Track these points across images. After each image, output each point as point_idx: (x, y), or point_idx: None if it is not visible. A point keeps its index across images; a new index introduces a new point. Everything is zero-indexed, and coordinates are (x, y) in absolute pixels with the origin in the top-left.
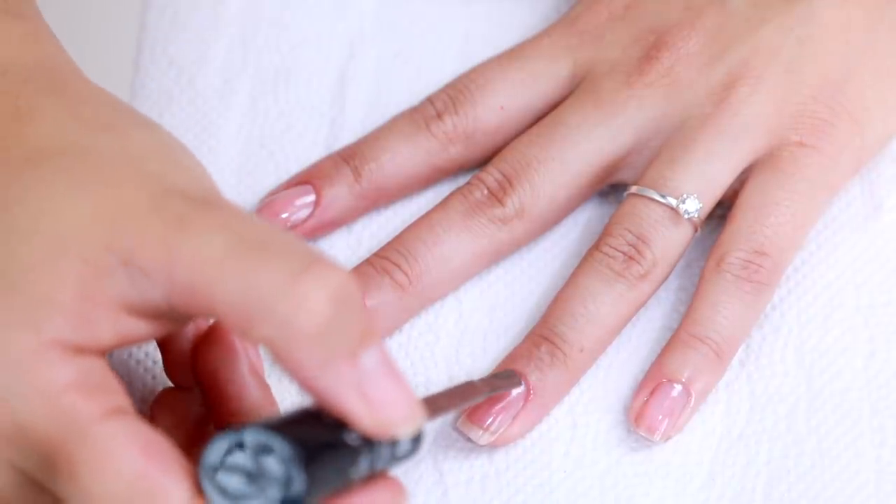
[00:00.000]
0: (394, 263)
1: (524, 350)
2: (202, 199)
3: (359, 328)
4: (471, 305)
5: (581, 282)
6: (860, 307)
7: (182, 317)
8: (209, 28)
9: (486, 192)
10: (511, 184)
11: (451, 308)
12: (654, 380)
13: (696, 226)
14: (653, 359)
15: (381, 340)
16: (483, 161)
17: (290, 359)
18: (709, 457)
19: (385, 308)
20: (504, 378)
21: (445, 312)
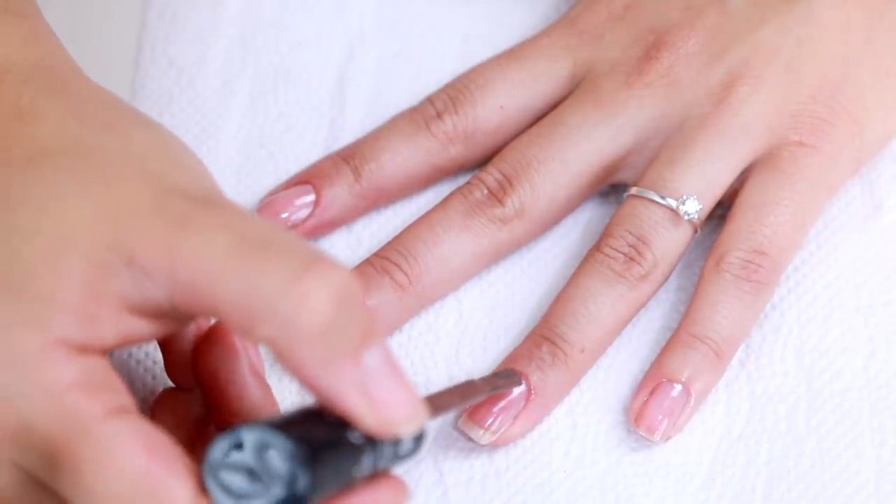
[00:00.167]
0: (394, 263)
1: (525, 350)
2: (204, 199)
3: (361, 327)
4: (471, 305)
5: (582, 282)
6: (860, 307)
7: (184, 316)
8: (209, 28)
9: (486, 192)
10: (511, 184)
11: (451, 308)
12: (654, 380)
13: (696, 226)
14: (653, 359)
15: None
16: (483, 161)
17: (293, 358)
18: (709, 457)
19: (385, 308)
20: (505, 377)
21: (445, 312)
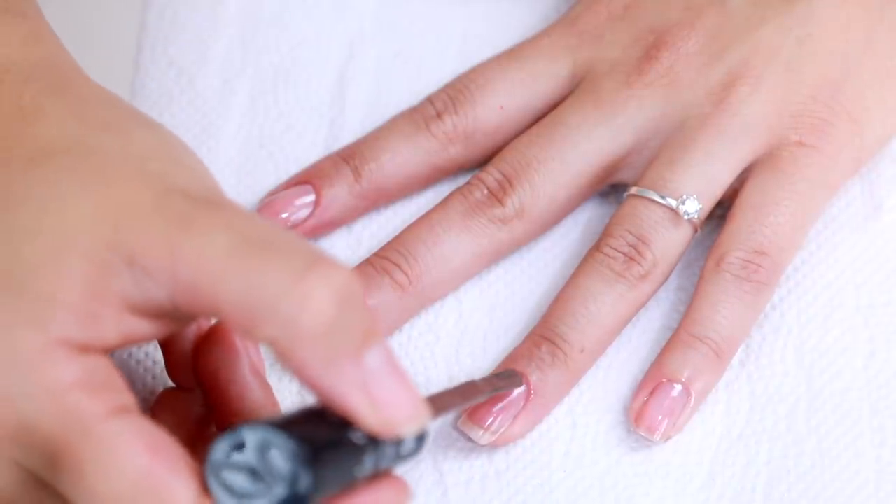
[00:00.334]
0: (394, 263)
1: (525, 350)
2: (205, 199)
3: (363, 327)
4: (471, 305)
5: (582, 282)
6: (860, 307)
7: (185, 316)
8: (209, 28)
9: (486, 192)
10: (511, 184)
11: (451, 308)
12: (654, 380)
13: (696, 226)
14: (653, 359)
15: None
16: (483, 161)
17: (294, 358)
18: (709, 457)
19: (385, 308)
20: (505, 378)
21: (445, 312)
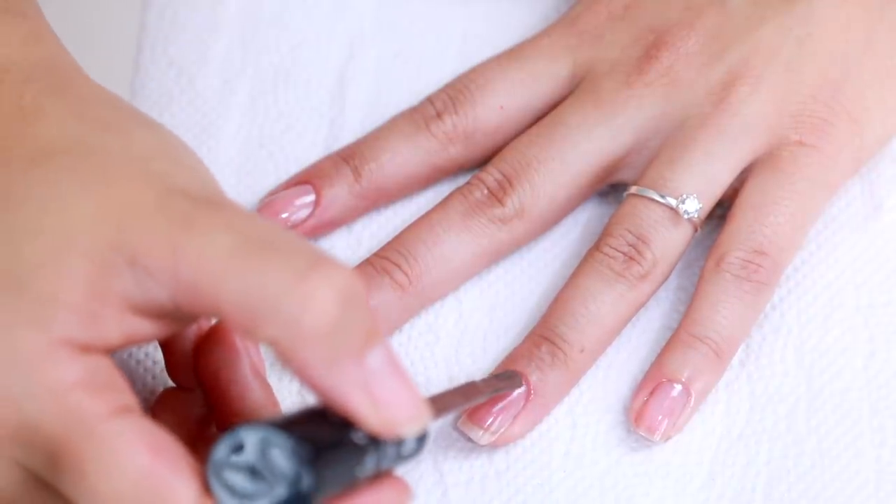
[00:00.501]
0: (394, 263)
1: (525, 350)
2: (206, 199)
3: (365, 327)
4: (471, 305)
5: (581, 282)
6: (860, 307)
7: (187, 317)
8: (209, 28)
9: (486, 192)
10: (511, 184)
11: (451, 308)
12: (654, 380)
13: (696, 226)
14: (653, 359)
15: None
16: (483, 161)
17: (296, 358)
18: (709, 457)
19: (385, 308)
20: (505, 379)
21: (445, 312)
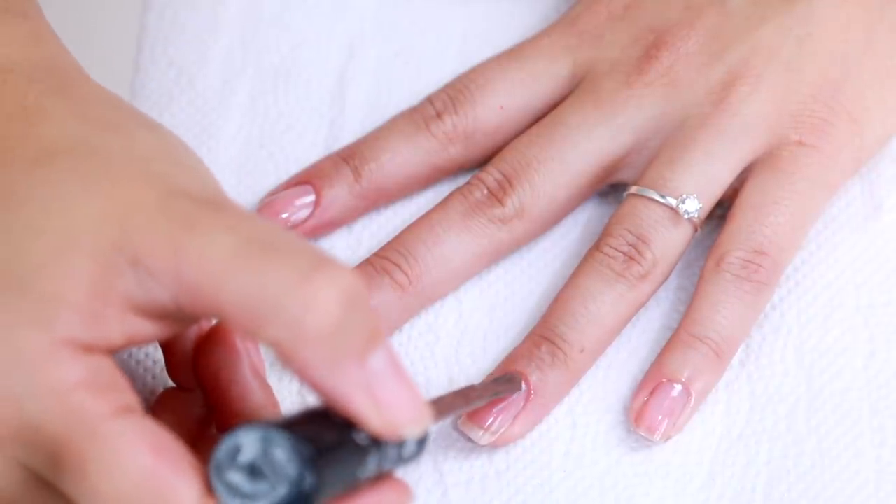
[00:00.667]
0: (394, 263)
1: (525, 350)
2: (208, 200)
3: (367, 329)
4: (471, 305)
5: (581, 282)
6: (860, 307)
7: (189, 317)
8: (209, 29)
9: (486, 192)
10: (511, 184)
11: (451, 308)
12: (654, 380)
13: (696, 226)
14: (653, 359)
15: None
16: (483, 161)
17: (298, 359)
18: (709, 457)
19: (385, 308)
20: (505, 382)
21: (445, 312)
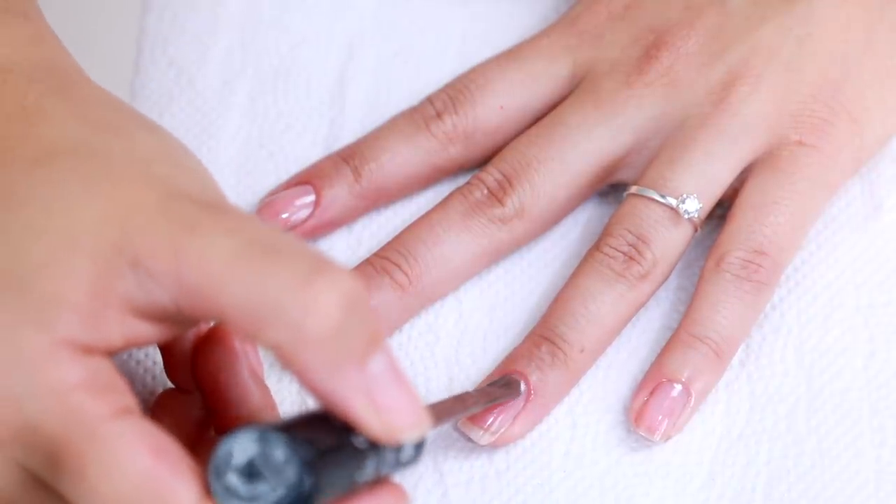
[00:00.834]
0: (394, 263)
1: (525, 350)
2: (209, 202)
3: (367, 333)
4: (471, 305)
5: (581, 282)
6: (860, 307)
7: (189, 320)
8: (208, 29)
9: (486, 192)
10: (511, 184)
11: (451, 308)
12: (654, 380)
13: (696, 225)
14: (653, 359)
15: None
16: (483, 161)
17: (298, 362)
18: (709, 457)
19: (385, 308)
20: (503, 386)
21: (445, 312)
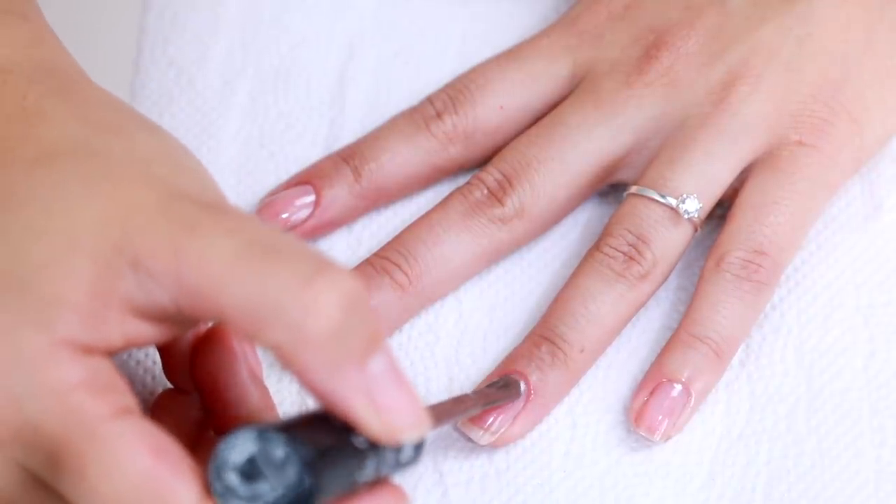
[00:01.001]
0: (394, 263)
1: (525, 350)
2: (209, 203)
3: (368, 333)
4: (471, 305)
5: (581, 282)
6: (860, 307)
7: (189, 320)
8: (209, 29)
9: (486, 192)
10: (511, 184)
11: (451, 308)
12: (654, 380)
13: (696, 225)
14: (653, 359)
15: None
16: (483, 161)
17: (299, 362)
18: (709, 457)
19: (385, 308)
20: (502, 388)
21: (445, 312)
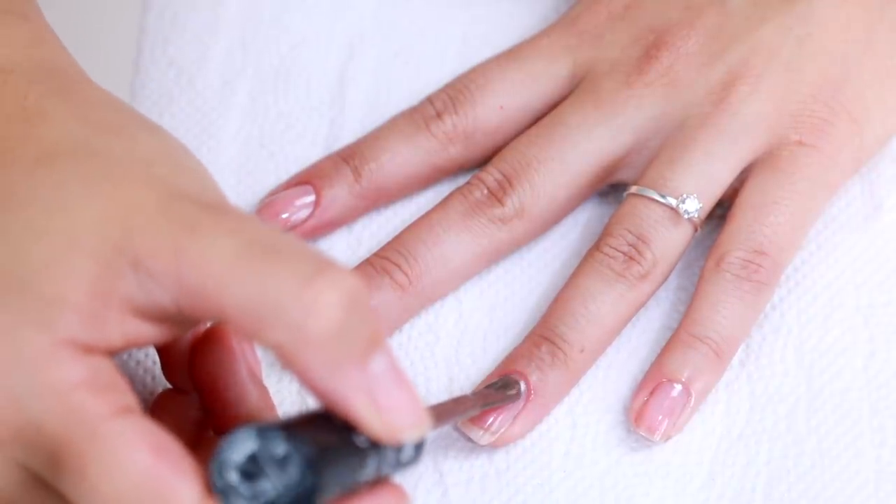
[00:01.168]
0: (394, 263)
1: (525, 350)
2: (210, 203)
3: (368, 332)
4: (471, 305)
5: (581, 282)
6: (860, 307)
7: (189, 320)
8: (209, 29)
9: (486, 192)
10: (511, 184)
11: (451, 308)
12: (654, 380)
13: (696, 225)
14: (653, 359)
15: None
16: (483, 161)
17: (300, 362)
18: (709, 457)
19: (385, 308)
20: (502, 388)
21: (445, 312)
